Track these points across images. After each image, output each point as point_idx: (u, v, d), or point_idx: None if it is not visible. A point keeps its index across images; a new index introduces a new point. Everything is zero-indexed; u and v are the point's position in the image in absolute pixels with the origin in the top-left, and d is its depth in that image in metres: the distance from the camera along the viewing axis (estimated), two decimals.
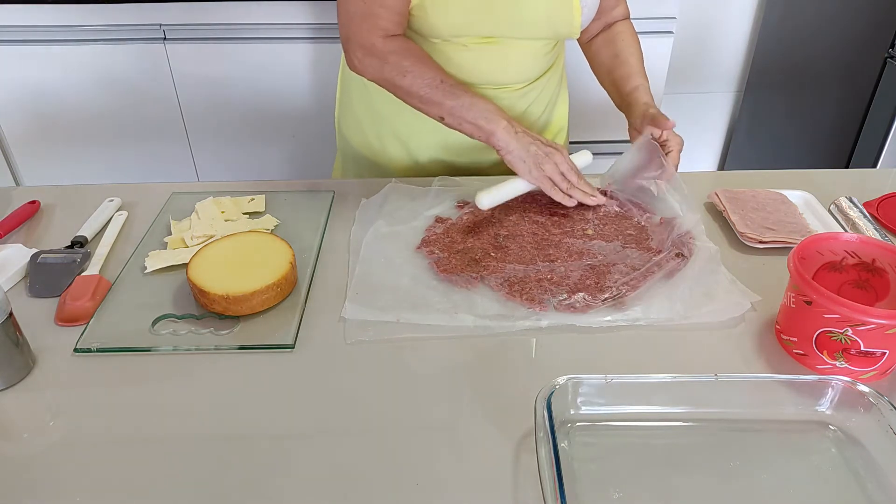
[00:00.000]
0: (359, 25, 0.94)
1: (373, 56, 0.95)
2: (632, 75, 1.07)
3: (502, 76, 1.04)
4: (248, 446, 0.65)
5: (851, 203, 1.00)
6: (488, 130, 0.92)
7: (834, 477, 0.62)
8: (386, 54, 0.94)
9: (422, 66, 0.93)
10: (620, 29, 1.12)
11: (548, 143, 0.94)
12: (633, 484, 0.61)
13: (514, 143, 0.91)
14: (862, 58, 1.72)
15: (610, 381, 0.65)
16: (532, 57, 1.04)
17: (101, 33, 1.82)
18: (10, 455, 0.64)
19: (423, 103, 0.94)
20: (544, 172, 0.92)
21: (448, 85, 0.93)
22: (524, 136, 0.92)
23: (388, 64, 0.94)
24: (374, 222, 0.96)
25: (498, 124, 0.91)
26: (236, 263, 0.82)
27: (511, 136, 0.91)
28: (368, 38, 0.94)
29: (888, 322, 0.66)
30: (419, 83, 0.93)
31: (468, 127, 0.93)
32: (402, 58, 0.94)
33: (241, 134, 2.01)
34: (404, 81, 0.93)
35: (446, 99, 0.92)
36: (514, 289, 0.83)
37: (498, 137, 0.91)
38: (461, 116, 0.92)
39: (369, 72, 0.96)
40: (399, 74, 0.93)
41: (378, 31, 0.94)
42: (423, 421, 0.68)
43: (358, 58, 0.96)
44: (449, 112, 0.93)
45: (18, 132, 1.97)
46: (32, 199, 1.02)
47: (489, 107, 0.93)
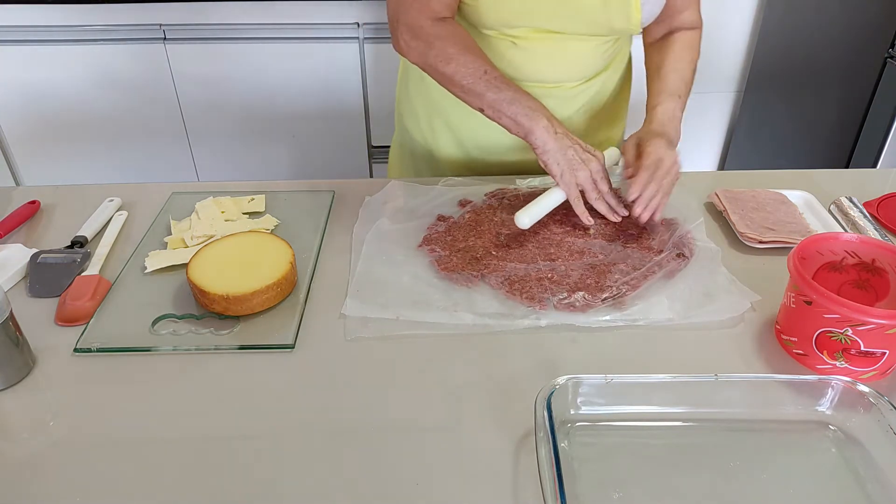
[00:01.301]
0: (409, 5, 0.91)
1: (419, 39, 0.92)
2: (661, 92, 1.01)
3: (553, 74, 1.02)
4: (248, 446, 0.65)
5: (851, 203, 1.00)
6: (527, 128, 0.88)
7: (834, 477, 0.62)
8: (432, 38, 0.91)
9: (467, 55, 0.91)
10: (678, 38, 1.06)
11: (587, 148, 0.90)
12: (633, 484, 0.61)
13: (551, 143, 0.88)
14: (862, 58, 1.72)
15: (610, 381, 0.65)
16: (586, 55, 1.01)
17: (101, 33, 1.83)
18: (10, 455, 0.64)
19: (465, 93, 0.91)
20: (577, 179, 0.88)
21: (492, 77, 0.90)
22: (564, 138, 0.89)
23: (434, 49, 0.91)
24: (377, 220, 0.96)
25: (538, 122, 0.88)
26: (236, 263, 0.82)
27: (550, 136, 0.88)
28: (417, 19, 0.91)
29: (888, 322, 0.66)
30: (462, 71, 0.90)
31: (507, 121, 0.90)
32: (449, 44, 0.91)
33: (241, 134, 2.02)
34: (448, 68, 0.91)
35: (489, 91, 0.89)
36: (515, 287, 0.83)
37: (536, 136, 0.88)
38: (501, 110, 0.89)
39: (413, 55, 0.94)
40: (443, 61, 0.91)
41: (428, 11, 0.91)
42: (422, 420, 0.68)
43: (405, 39, 0.93)
44: (490, 105, 0.90)
45: (18, 132, 1.97)
46: (32, 199, 1.02)
47: (531, 104, 0.89)
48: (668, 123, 0.98)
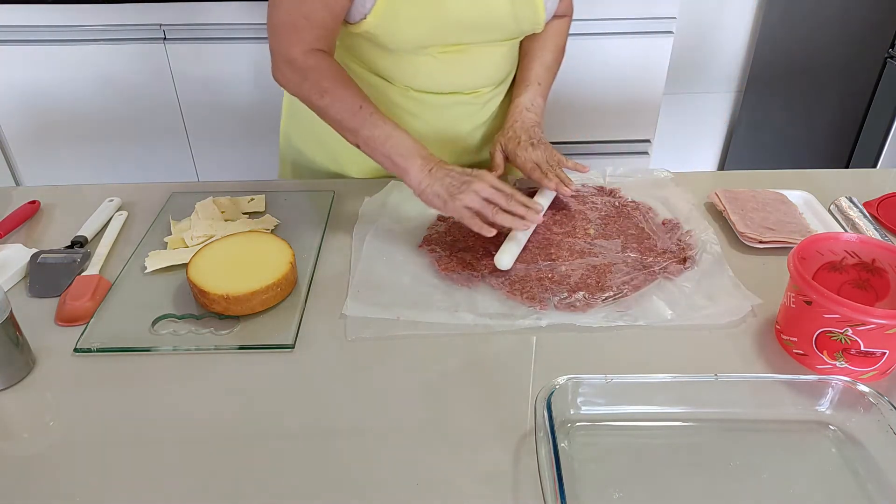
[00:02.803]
0: (282, 36, 0.91)
1: (293, 70, 0.92)
2: (521, 81, 1.05)
3: (471, 81, 1.03)
4: (248, 446, 0.65)
5: (851, 203, 1.00)
6: (403, 168, 0.88)
7: (834, 477, 0.62)
8: (306, 70, 0.91)
9: (341, 89, 0.90)
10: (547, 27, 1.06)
11: (466, 171, 0.88)
12: (633, 484, 0.61)
13: (426, 181, 0.87)
14: (862, 58, 1.72)
15: (610, 381, 0.65)
16: (500, 58, 1.03)
17: (101, 33, 1.83)
18: (10, 455, 0.64)
19: (340, 127, 0.91)
20: (462, 202, 0.84)
21: (367, 112, 0.89)
22: (438, 170, 0.87)
23: (308, 81, 0.91)
24: (377, 220, 0.96)
25: (412, 162, 0.87)
26: (236, 263, 0.82)
27: (424, 175, 0.87)
28: (290, 51, 0.91)
29: (888, 322, 0.66)
30: (337, 106, 0.90)
31: (382, 159, 0.89)
32: (322, 77, 0.91)
33: (241, 134, 2.01)
34: (322, 101, 0.91)
35: (363, 128, 0.89)
36: (515, 287, 0.83)
37: (411, 176, 0.87)
38: (375, 148, 0.89)
39: (290, 86, 0.94)
40: (317, 94, 0.91)
41: (300, 44, 0.91)
42: (422, 420, 0.68)
43: (280, 70, 0.93)
44: (364, 141, 0.90)
45: (18, 132, 1.97)
46: (32, 199, 1.02)
47: (406, 143, 0.88)
48: (529, 113, 1.02)
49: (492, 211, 0.84)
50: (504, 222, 0.84)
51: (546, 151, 0.99)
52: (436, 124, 1.06)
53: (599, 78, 1.94)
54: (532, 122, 1.02)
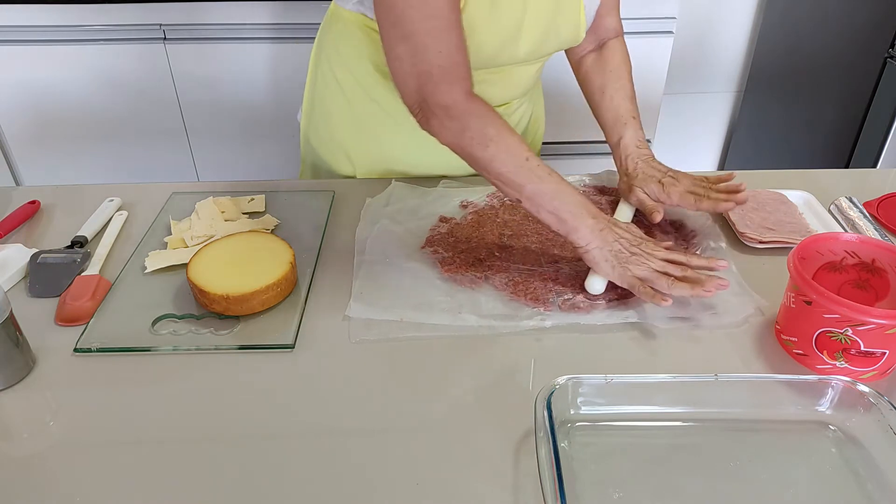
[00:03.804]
0: (438, 84, 0.81)
1: (452, 118, 0.81)
2: (616, 122, 1.01)
3: (503, 97, 1.03)
4: (248, 446, 0.65)
5: (851, 203, 1.00)
6: (571, 226, 0.81)
7: (834, 477, 0.62)
8: (467, 117, 0.81)
9: (506, 138, 0.81)
10: (611, 54, 1.04)
11: (638, 236, 0.83)
12: (633, 484, 0.61)
13: (595, 242, 0.80)
14: (862, 58, 1.72)
15: (610, 381, 0.65)
16: (533, 74, 1.03)
17: (101, 33, 1.82)
18: (10, 455, 0.64)
19: (502, 181, 0.82)
20: (632, 273, 0.79)
21: (533, 164, 0.81)
22: (609, 233, 0.81)
23: (469, 129, 0.81)
24: (379, 221, 0.96)
25: (583, 221, 0.80)
26: (236, 263, 0.82)
27: (595, 235, 0.80)
28: (449, 96, 0.81)
29: (888, 322, 0.66)
30: (502, 157, 0.80)
31: (547, 216, 0.81)
32: (485, 123, 0.81)
33: (241, 134, 2.01)
34: (485, 154, 0.81)
35: (529, 182, 0.80)
36: (519, 288, 0.83)
37: (580, 236, 0.81)
38: (541, 204, 0.81)
39: (446, 136, 0.83)
40: (481, 145, 0.81)
41: (459, 83, 0.82)
42: (423, 420, 0.68)
43: (436, 118, 0.82)
44: (528, 197, 0.81)
45: (18, 132, 1.97)
46: (32, 199, 1.02)
47: (575, 199, 0.81)
48: (643, 151, 0.99)
49: (667, 283, 0.78)
50: (684, 293, 0.78)
51: (688, 178, 0.96)
52: None
53: None
54: (650, 156, 0.99)
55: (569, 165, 1.39)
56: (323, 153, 1.13)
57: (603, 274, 0.81)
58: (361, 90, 1.03)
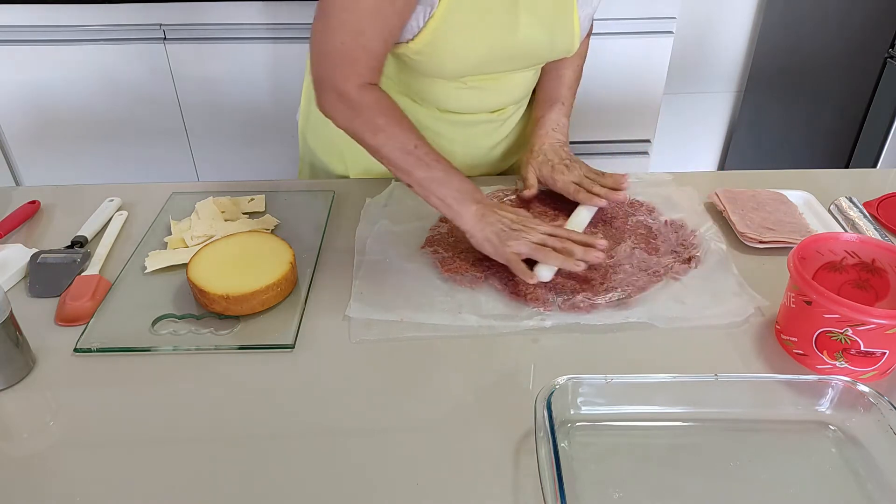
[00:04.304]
0: (334, 68, 0.86)
1: (345, 104, 0.87)
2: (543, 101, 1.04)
3: (497, 103, 1.04)
4: (248, 446, 0.65)
5: (851, 203, 1.00)
6: (456, 211, 0.85)
7: (834, 477, 0.62)
8: (360, 106, 0.86)
9: (395, 127, 0.86)
10: None
11: (518, 218, 0.86)
12: (633, 484, 0.61)
13: (478, 227, 0.84)
14: (862, 58, 1.72)
15: (610, 381, 0.65)
16: (528, 80, 1.04)
17: (101, 33, 1.83)
18: (10, 455, 0.64)
19: (393, 167, 0.87)
20: (511, 249, 0.82)
21: (422, 152, 0.86)
22: (490, 215, 0.85)
23: (361, 118, 0.86)
24: (379, 221, 0.96)
25: (466, 207, 0.84)
26: (236, 263, 0.82)
27: (477, 220, 0.84)
28: (343, 84, 0.85)
29: (888, 322, 0.66)
30: (390, 145, 0.86)
31: (435, 201, 0.86)
32: (376, 114, 0.86)
33: (241, 134, 2.01)
34: (375, 140, 0.86)
35: (417, 169, 0.86)
36: (519, 288, 0.83)
37: (464, 220, 0.85)
38: (430, 189, 0.86)
39: (339, 119, 0.89)
40: (370, 132, 0.86)
41: (355, 77, 0.86)
42: (423, 420, 0.68)
43: (330, 102, 0.88)
44: (418, 182, 0.86)
45: (18, 132, 1.97)
46: (32, 199, 1.02)
47: (462, 186, 0.86)
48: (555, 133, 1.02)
49: (542, 254, 0.82)
50: (556, 262, 0.81)
51: (582, 169, 0.99)
52: (458, 140, 1.06)
53: (599, 78, 1.94)
54: (559, 142, 1.02)
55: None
56: (319, 153, 1.14)
57: (487, 253, 0.85)
58: None
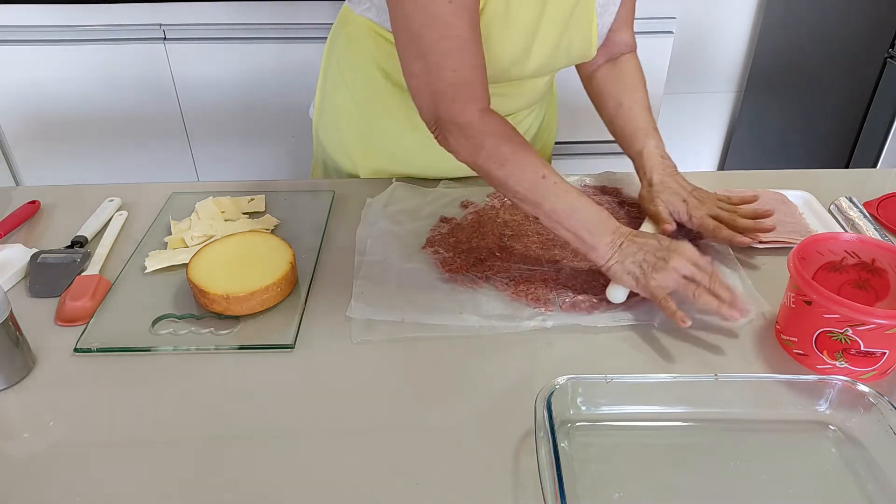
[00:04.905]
0: (453, 102, 0.80)
1: (468, 137, 0.81)
2: (638, 131, 0.99)
3: (511, 108, 1.03)
4: (248, 446, 0.65)
5: (851, 203, 1.00)
6: (590, 245, 0.80)
7: (834, 477, 0.62)
8: (483, 136, 0.81)
9: (522, 156, 0.81)
10: (626, 67, 1.03)
11: (661, 245, 0.80)
12: (633, 484, 0.61)
13: (616, 258, 0.79)
14: (862, 58, 1.72)
15: (610, 381, 0.65)
16: (542, 86, 1.03)
17: (101, 33, 1.83)
18: (10, 455, 0.64)
19: (518, 198, 0.81)
20: (658, 283, 0.77)
21: (549, 182, 0.80)
22: (629, 245, 0.79)
23: (485, 149, 0.81)
24: (379, 222, 0.96)
25: (601, 239, 0.79)
26: (236, 263, 0.82)
27: (614, 251, 0.79)
28: (464, 115, 0.80)
29: (888, 322, 0.66)
30: (518, 177, 0.80)
31: (566, 234, 0.81)
32: (501, 142, 0.81)
33: (241, 134, 2.01)
34: (501, 172, 0.81)
35: (546, 200, 0.80)
36: (520, 289, 0.83)
37: (599, 254, 0.80)
38: (559, 222, 0.80)
39: (463, 153, 0.83)
40: (497, 164, 0.81)
41: (474, 102, 0.81)
42: (422, 421, 0.68)
43: (453, 136, 0.82)
44: (547, 214, 0.80)
45: (18, 132, 1.97)
46: (32, 199, 1.02)
47: (593, 216, 0.81)
48: (667, 161, 0.97)
49: (693, 292, 0.77)
50: (709, 306, 0.76)
51: (710, 199, 0.93)
52: None
53: None
54: (674, 169, 0.97)
55: (580, 165, 1.39)
56: (330, 150, 1.14)
57: (629, 287, 0.80)
58: (368, 92, 1.03)
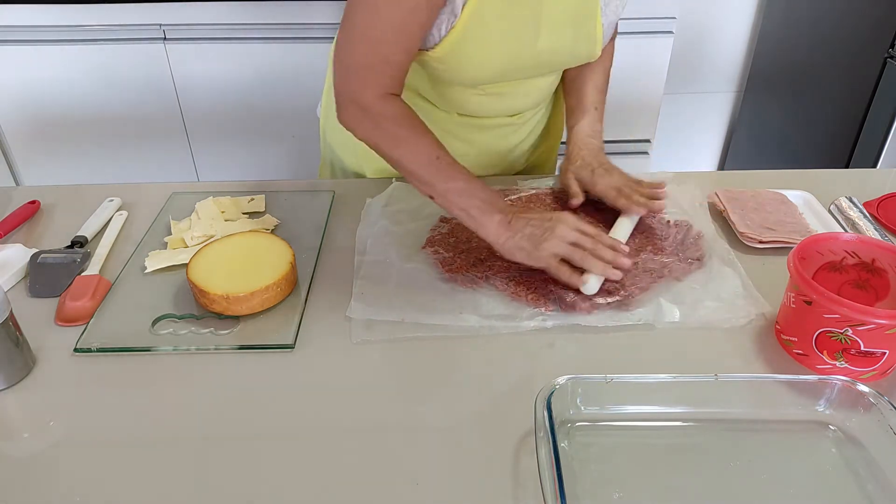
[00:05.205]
0: (355, 79, 0.85)
1: (366, 116, 0.86)
2: (578, 106, 1.03)
3: (517, 107, 1.03)
4: (247, 446, 0.65)
5: (851, 203, 1.00)
6: (479, 222, 0.83)
7: (834, 477, 0.62)
8: (380, 118, 0.85)
9: (417, 138, 0.85)
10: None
11: (545, 216, 0.83)
12: (633, 484, 0.61)
13: (505, 234, 0.82)
14: (862, 58, 1.72)
15: (610, 381, 0.65)
16: (547, 86, 1.03)
17: (101, 33, 1.83)
18: (10, 455, 0.64)
19: (414, 178, 0.86)
20: (548, 251, 0.80)
21: (443, 163, 0.84)
22: (517, 221, 0.82)
23: (381, 129, 0.86)
24: (379, 222, 0.96)
25: (490, 217, 0.82)
26: (236, 263, 0.82)
27: (503, 228, 0.82)
28: (364, 95, 0.85)
29: (888, 322, 0.66)
30: (411, 157, 0.85)
31: (458, 212, 0.84)
32: (397, 125, 0.85)
33: (241, 134, 2.01)
34: (396, 152, 0.85)
35: (438, 180, 0.84)
36: (520, 289, 0.83)
37: (489, 230, 0.83)
38: (451, 201, 0.84)
39: (360, 131, 0.88)
40: (391, 143, 0.85)
41: (377, 87, 0.85)
42: (423, 420, 0.68)
43: (350, 114, 0.87)
44: (440, 194, 0.84)
45: (18, 132, 1.97)
46: (32, 199, 1.02)
47: (485, 196, 0.84)
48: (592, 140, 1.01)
49: (579, 256, 0.80)
50: (594, 268, 0.80)
51: (621, 176, 0.97)
52: (475, 142, 1.05)
53: None
54: (597, 148, 1.00)
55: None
56: (338, 150, 1.14)
57: (521, 262, 0.83)
58: None
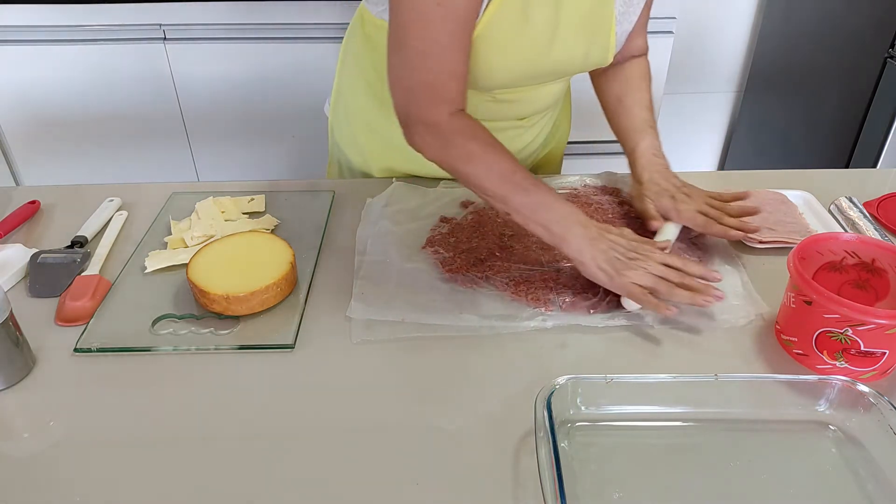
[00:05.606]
0: (422, 100, 0.82)
1: (435, 135, 0.83)
2: (635, 130, 0.99)
3: (526, 112, 1.03)
4: (248, 446, 0.65)
5: (851, 203, 1.00)
6: (560, 236, 0.80)
7: (834, 477, 0.62)
8: (451, 135, 0.82)
9: (490, 154, 0.82)
10: (632, 68, 1.03)
11: (633, 240, 0.81)
12: (633, 484, 0.61)
13: (588, 252, 0.79)
14: (862, 58, 1.72)
15: (610, 381, 0.65)
16: (557, 91, 1.03)
17: (101, 33, 1.83)
18: (10, 455, 0.64)
19: (487, 195, 0.82)
20: (631, 280, 0.77)
21: (519, 177, 0.81)
22: (600, 241, 0.80)
23: (453, 146, 0.82)
24: (379, 222, 0.96)
25: (571, 230, 0.79)
26: (236, 263, 0.82)
27: (585, 244, 0.79)
28: (432, 114, 0.82)
29: (888, 322, 0.66)
30: (485, 173, 0.81)
31: (536, 227, 0.81)
32: (469, 140, 0.82)
33: (241, 134, 2.02)
34: (468, 168, 0.82)
35: (515, 195, 0.80)
36: (520, 289, 0.83)
37: (569, 245, 0.80)
38: (529, 216, 0.81)
39: (430, 151, 0.85)
40: (464, 160, 0.82)
41: (444, 105, 0.82)
42: (422, 421, 0.68)
43: (419, 135, 0.84)
44: (516, 209, 0.81)
45: (18, 132, 1.97)
46: (32, 199, 1.02)
47: (562, 209, 0.81)
48: (657, 159, 0.97)
49: (665, 288, 0.77)
50: (683, 299, 0.77)
51: (700, 196, 0.93)
52: None
53: None
54: (664, 167, 0.97)
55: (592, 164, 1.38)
56: (345, 149, 1.14)
57: (600, 283, 0.80)
58: (381, 90, 1.03)
